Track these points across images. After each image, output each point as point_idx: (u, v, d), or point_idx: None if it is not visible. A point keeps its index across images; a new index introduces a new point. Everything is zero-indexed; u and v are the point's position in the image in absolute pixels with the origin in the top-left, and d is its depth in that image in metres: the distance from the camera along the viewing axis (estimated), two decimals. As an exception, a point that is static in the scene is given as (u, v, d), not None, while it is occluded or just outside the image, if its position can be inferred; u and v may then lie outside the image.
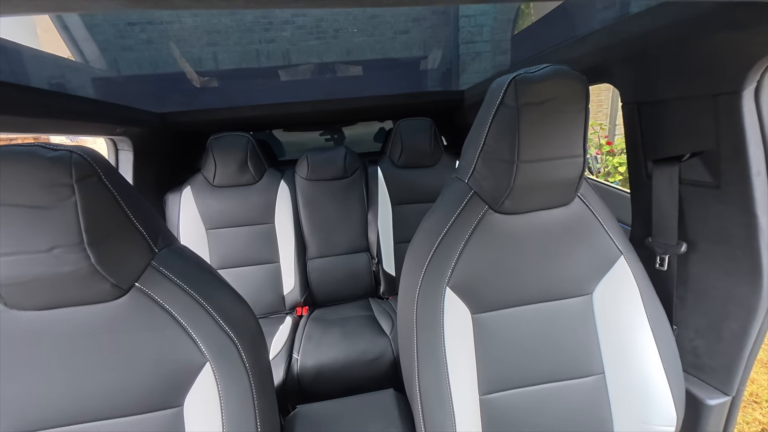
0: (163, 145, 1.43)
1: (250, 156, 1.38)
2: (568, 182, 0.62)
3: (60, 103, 0.88)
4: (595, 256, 0.70)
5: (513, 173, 0.58)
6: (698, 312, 0.71)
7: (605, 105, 4.43)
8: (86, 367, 0.53)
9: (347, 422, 0.70)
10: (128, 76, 2.31)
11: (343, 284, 1.52)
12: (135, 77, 2.33)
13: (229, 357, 0.57)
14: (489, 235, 0.66)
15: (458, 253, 0.65)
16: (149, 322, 0.55)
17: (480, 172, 0.65)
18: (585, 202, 0.69)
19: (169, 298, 0.56)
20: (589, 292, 0.71)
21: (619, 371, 0.70)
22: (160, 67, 2.46)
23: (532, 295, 0.69)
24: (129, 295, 0.54)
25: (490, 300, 0.68)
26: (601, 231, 0.70)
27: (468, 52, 4.14)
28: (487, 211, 0.66)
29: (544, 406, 0.70)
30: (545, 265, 0.68)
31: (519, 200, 0.63)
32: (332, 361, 1.11)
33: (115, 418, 0.55)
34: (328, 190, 1.50)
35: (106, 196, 0.50)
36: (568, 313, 0.71)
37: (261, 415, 0.58)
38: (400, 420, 0.70)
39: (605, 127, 3.71)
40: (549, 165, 0.59)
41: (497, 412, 0.68)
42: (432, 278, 0.65)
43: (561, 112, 0.57)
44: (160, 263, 0.57)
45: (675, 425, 0.66)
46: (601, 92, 4.42)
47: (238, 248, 1.42)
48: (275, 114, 1.49)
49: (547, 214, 0.68)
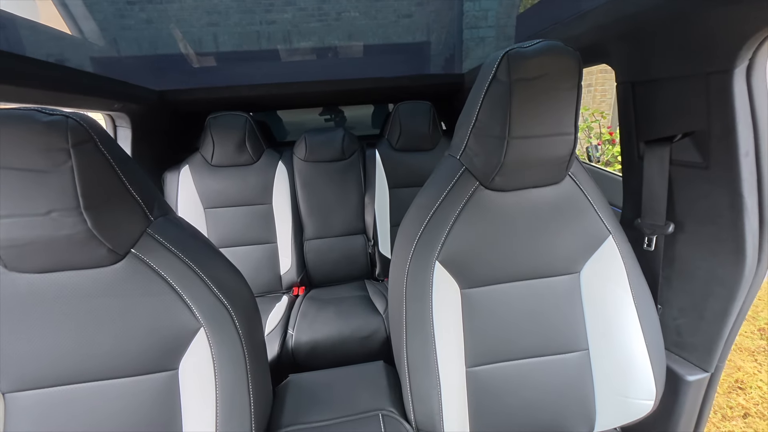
0: (161, 122, 1.43)
1: (248, 136, 1.39)
2: (559, 160, 0.63)
3: (56, 75, 0.88)
4: (584, 235, 0.71)
5: (504, 149, 0.59)
6: (683, 291, 0.73)
7: (609, 95, 4.38)
8: (84, 329, 0.55)
9: (337, 390, 0.73)
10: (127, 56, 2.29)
11: (340, 265, 1.54)
12: (134, 56, 2.30)
13: (223, 323, 0.59)
14: (479, 211, 0.67)
15: (448, 228, 0.66)
16: (145, 287, 0.57)
17: (472, 148, 0.65)
18: (575, 181, 0.70)
19: (165, 264, 0.57)
20: (576, 270, 0.73)
21: (602, 348, 0.72)
22: (160, 48, 2.42)
23: (520, 272, 0.71)
24: (125, 260, 0.56)
25: (479, 276, 0.69)
26: (590, 210, 0.71)
27: (472, 38, 4.06)
28: (477, 187, 0.67)
29: (529, 380, 0.72)
30: (534, 243, 0.70)
31: (510, 177, 0.64)
32: (326, 337, 1.14)
33: (112, 379, 0.58)
34: (326, 171, 1.51)
35: (101, 162, 0.51)
36: (556, 291, 0.72)
37: (253, 381, 0.60)
38: (389, 389, 0.73)
39: (607, 116, 3.68)
40: (540, 142, 0.60)
41: (483, 384, 0.70)
42: (422, 252, 0.66)
43: (553, 89, 0.57)
44: (156, 231, 0.58)
45: (654, 399, 0.69)
46: (606, 81, 4.36)
47: (236, 228, 1.44)
48: (274, 94, 1.49)
49: (538, 192, 0.68)
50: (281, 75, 2.32)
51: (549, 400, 0.73)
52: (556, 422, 0.73)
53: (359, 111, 2.36)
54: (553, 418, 0.73)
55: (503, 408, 0.71)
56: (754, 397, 1.49)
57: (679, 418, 0.73)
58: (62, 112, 0.48)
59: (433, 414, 0.65)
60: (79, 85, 0.93)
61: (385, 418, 0.65)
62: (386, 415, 0.66)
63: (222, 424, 0.57)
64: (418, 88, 1.59)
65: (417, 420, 0.66)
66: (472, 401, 0.70)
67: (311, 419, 0.66)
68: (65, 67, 0.89)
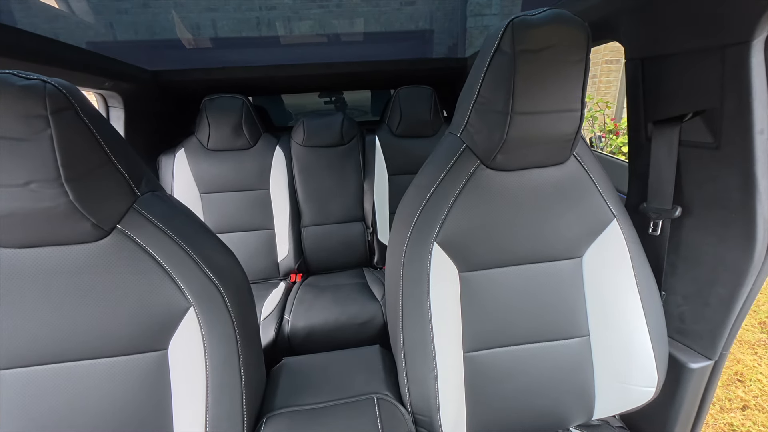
0: (155, 104, 1.40)
1: (244, 119, 1.36)
2: (564, 138, 0.60)
3: (45, 47, 0.85)
4: (588, 219, 0.69)
5: (506, 125, 0.56)
6: (688, 278, 0.71)
7: (614, 86, 4.31)
8: (69, 307, 0.53)
9: (332, 373, 0.71)
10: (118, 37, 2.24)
11: (337, 252, 1.52)
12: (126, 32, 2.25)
13: (214, 303, 0.57)
14: (480, 191, 0.64)
15: (447, 209, 0.64)
16: (132, 265, 0.55)
17: (473, 124, 0.62)
18: (580, 161, 0.68)
19: (152, 241, 0.55)
20: (579, 255, 0.71)
21: (603, 334, 0.71)
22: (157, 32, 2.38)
23: (521, 255, 0.68)
24: (111, 236, 0.54)
25: (479, 259, 0.67)
26: (595, 193, 0.68)
27: (476, 26, 3.98)
28: (478, 166, 0.64)
29: (528, 365, 0.71)
30: (536, 226, 0.67)
31: (512, 155, 0.61)
32: (322, 322, 1.12)
33: (99, 358, 0.56)
34: (324, 157, 1.48)
35: (83, 131, 0.49)
36: (557, 276, 0.70)
37: (245, 362, 0.59)
38: (384, 373, 0.72)
39: (611, 106, 3.62)
40: (544, 118, 0.57)
41: (480, 369, 0.69)
42: (420, 233, 0.64)
43: (560, 62, 0.54)
44: (143, 207, 0.56)
45: (655, 386, 0.67)
46: (611, 72, 4.29)
47: (233, 213, 1.42)
48: (272, 76, 1.46)
49: (541, 172, 0.66)
50: (280, 60, 2.29)
51: (547, 387, 0.71)
52: (555, 409, 0.72)
53: (359, 96, 2.32)
54: (551, 404, 0.72)
55: (500, 394, 0.70)
56: (753, 389, 1.48)
57: (680, 406, 0.71)
58: (39, 76, 0.45)
59: (429, 398, 0.63)
60: (66, 60, 0.90)
61: (379, 402, 0.64)
62: (381, 399, 0.65)
63: (212, 405, 0.56)
64: (420, 72, 1.56)
65: (413, 404, 0.65)
66: (468, 386, 0.68)
67: (304, 402, 0.65)
68: (51, 39, 0.86)
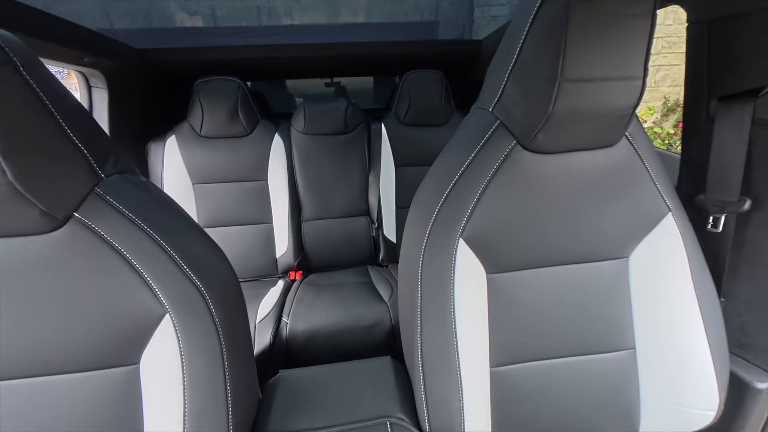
0: (143, 85, 1.29)
1: (241, 104, 1.25)
2: (620, 113, 0.50)
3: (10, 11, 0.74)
4: (638, 212, 0.58)
5: (553, 94, 0.46)
6: (752, 281, 0.61)
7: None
8: (15, 313, 0.43)
9: (336, 390, 0.61)
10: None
11: (340, 249, 1.42)
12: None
13: (194, 308, 0.47)
14: (515, 177, 0.54)
15: (476, 198, 0.53)
16: (93, 262, 0.45)
17: (510, 95, 0.52)
18: (633, 144, 0.57)
19: (119, 233, 0.45)
20: (625, 255, 0.61)
21: (653, 347, 0.61)
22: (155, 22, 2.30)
23: (559, 254, 0.58)
24: (66, 227, 0.44)
25: (510, 258, 0.57)
26: (647, 181, 0.58)
27: (483, 16, 3.90)
28: (514, 147, 0.53)
29: (563, 383, 0.61)
30: (577, 220, 0.57)
31: (556, 134, 0.51)
32: (324, 325, 1.02)
33: (56, 375, 0.46)
34: (327, 145, 1.38)
35: (26, 94, 0.38)
36: (599, 279, 0.60)
37: (232, 378, 0.49)
38: (398, 390, 0.62)
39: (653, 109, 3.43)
40: (599, 87, 0.47)
41: (509, 387, 0.59)
42: (443, 227, 0.54)
43: (622, 15, 0.44)
44: (107, 191, 0.46)
45: (716, 409, 0.57)
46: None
47: (228, 206, 1.32)
48: (271, 57, 1.35)
49: (586, 156, 0.55)
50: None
51: (586, 408, 0.61)
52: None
53: (361, 85, 2.20)
54: (590, 427, 0.62)
55: (532, 416, 0.60)
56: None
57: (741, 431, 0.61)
58: None
59: (453, 424, 0.53)
60: (37, 28, 0.79)
61: (393, 428, 0.54)
62: (395, 424, 0.55)
63: (192, 428, 0.46)
64: (428, 56, 1.45)
65: (433, 430, 0.55)
66: (495, 408, 0.58)
67: (303, 426, 0.55)
68: (18, 3, 0.75)
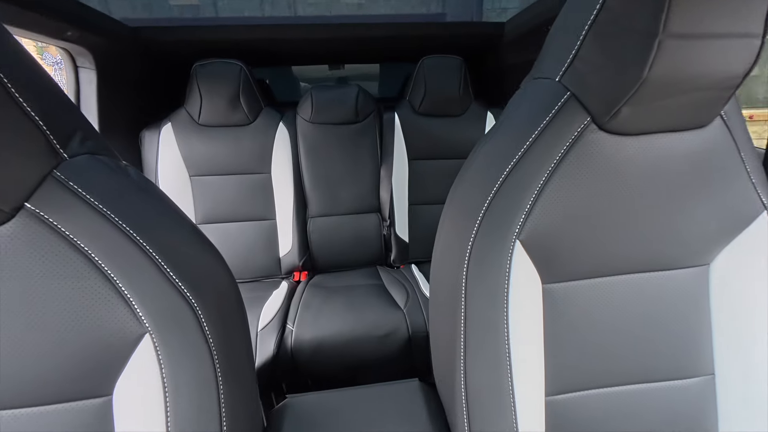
0: (136, 67, 1.19)
1: (242, 89, 1.15)
2: (729, 82, 0.39)
3: None
4: (726, 210, 0.48)
5: (651, 55, 0.35)
6: None
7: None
8: None
9: (353, 419, 0.51)
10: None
11: (349, 248, 1.32)
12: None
13: (182, 326, 0.37)
14: (586, 165, 0.43)
15: (537, 190, 0.43)
16: (51, 265, 0.34)
17: (587, 57, 0.41)
18: (728, 125, 0.46)
19: (83, 229, 0.35)
20: (705, 262, 0.50)
21: (736, 373, 0.50)
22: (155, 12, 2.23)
23: (630, 261, 0.48)
24: (15, 221, 0.34)
25: (572, 265, 0.47)
26: (741, 173, 0.47)
27: (493, 8, 3.81)
28: (587, 126, 0.43)
29: (630, 415, 0.51)
30: (656, 218, 0.47)
31: (645, 108, 0.40)
32: (334, 334, 0.92)
33: (10, 409, 0.36)
34: (335, 136, 1.28)
35: None
36: (673, 291, 0.50)
37: (230, 411, 0.39)
38: (430, 421, 0.51)
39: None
40: (709, 46, 0.36)
41: (566, 420, 0.49)
42: (493, 227, 0.44)
43: None
44: (70, 175, 0.35)
45: None
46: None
47: (228, 200, 1.22)
48: (275, 39, 1.24)
49: (672, 138, 0.45)
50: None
51: None
52: None
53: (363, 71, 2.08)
54: None
55: None
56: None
57: None
58: None
59: None
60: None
61: None
62: None
63: None
64: (443, 40, 1.34)
65: None
66: None
67: None
68: None
